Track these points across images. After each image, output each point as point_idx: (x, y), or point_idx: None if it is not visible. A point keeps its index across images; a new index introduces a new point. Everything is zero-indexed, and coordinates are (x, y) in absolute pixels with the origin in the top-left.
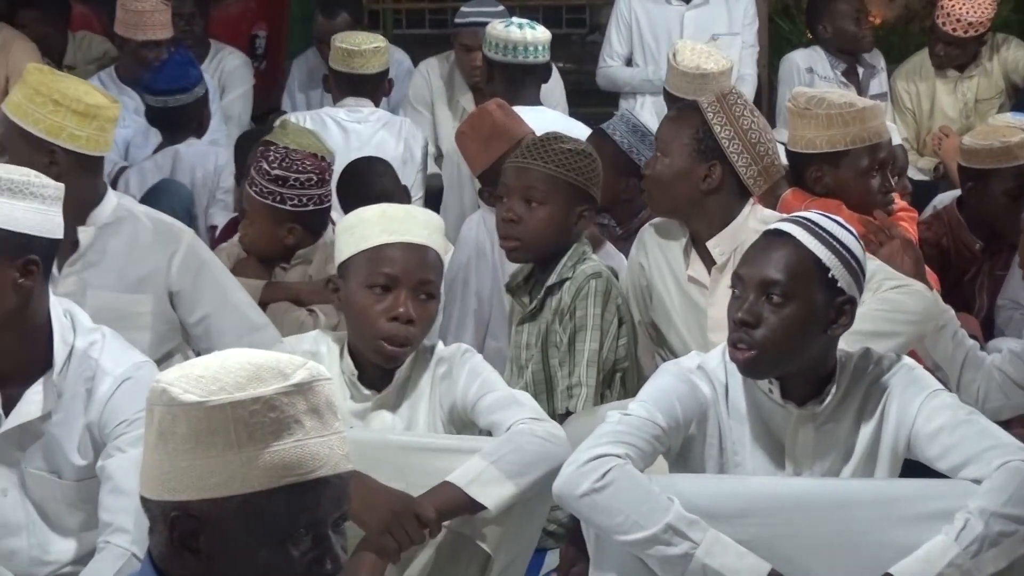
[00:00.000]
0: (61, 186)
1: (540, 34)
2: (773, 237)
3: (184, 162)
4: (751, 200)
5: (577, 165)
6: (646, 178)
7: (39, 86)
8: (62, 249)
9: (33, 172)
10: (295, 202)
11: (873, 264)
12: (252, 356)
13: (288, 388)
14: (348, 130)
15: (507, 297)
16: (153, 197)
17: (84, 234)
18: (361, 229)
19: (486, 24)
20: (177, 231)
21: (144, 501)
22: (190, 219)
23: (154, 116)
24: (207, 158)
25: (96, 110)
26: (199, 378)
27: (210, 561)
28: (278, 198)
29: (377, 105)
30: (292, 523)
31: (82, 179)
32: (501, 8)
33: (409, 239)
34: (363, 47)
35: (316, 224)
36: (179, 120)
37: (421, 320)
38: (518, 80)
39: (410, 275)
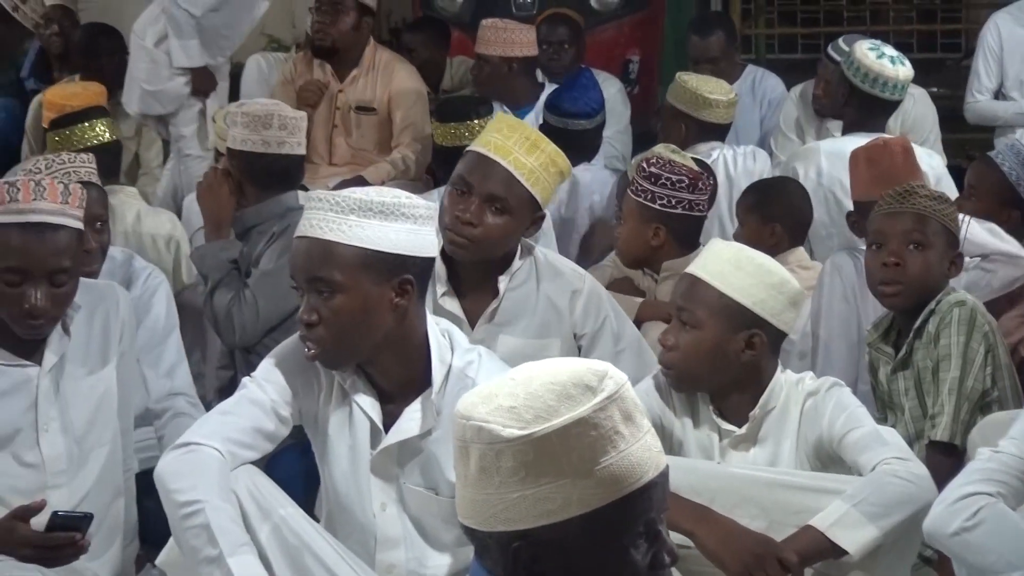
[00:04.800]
0: (433, 206)
1: (908, 72)
2: None
3: (582, 188)
4: None
5: (949, 211)
6: None
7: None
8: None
9: (404, 193)
10: (664, 202)
11: None
12: (550, 373)
13: (603, 402)
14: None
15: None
16: None
17: (501, 283)
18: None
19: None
20: (579, 276)
21: (470, 531)
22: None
23: (549, 135)
24: (605, 185)
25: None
26: (511, 409)
27: None
28: (648, 196)
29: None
30: (631, 530)
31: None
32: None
33: (697, 273)
34: (718, 97)
35: (684, 232)
36: (576, 144)
37: (678, 346)
38: (875, 111)
39: (686, 306)
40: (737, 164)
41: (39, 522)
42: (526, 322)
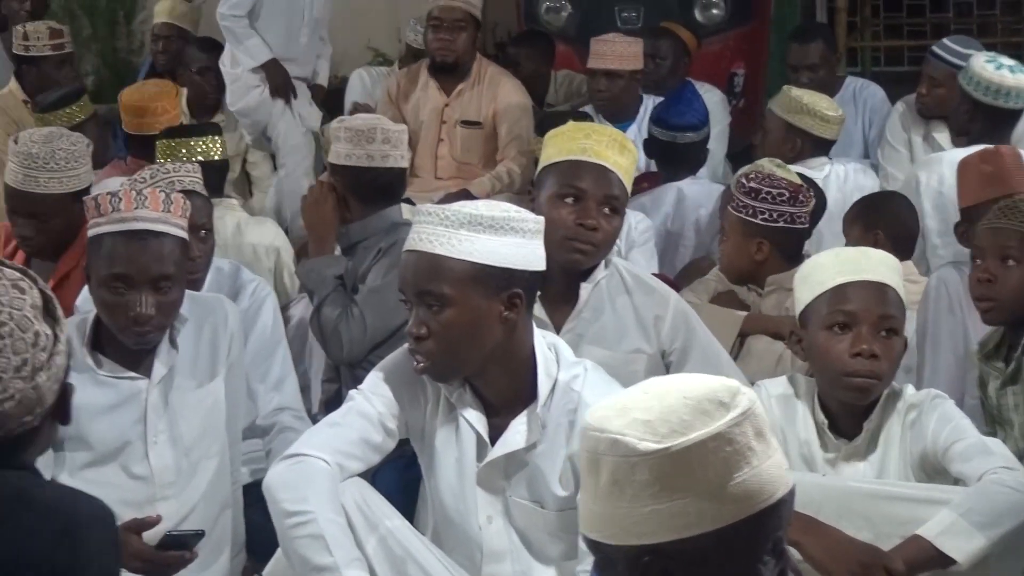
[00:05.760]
0: (541, 219)
1: None
2: None
3: (688, 200)
4: None
5: None
6: None
7: None
8: (563, 303)
9: (513, 207)
10: (765, 216)
11: None
12: (683, 388)
13: (737, 418)
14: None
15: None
16: None
17: (584, 290)
18: (817, 274)
19: (958, 67)
20: (665, 292)
21: (596, 545)
22: None
23: (657, 149)
24: (711, 198)
25: None
26: (646, 422)
27: None
28: (750, 211)
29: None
30: (761, 547)
31: None
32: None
33: (866, 277)
34: (832, 113)
35: (787, 245)
36: (683, 157)
37: (886, 356)
38: (999, 122)
39: (869, 312)
40: (849, 180)
41: (150, 537)
42: (610, 334)
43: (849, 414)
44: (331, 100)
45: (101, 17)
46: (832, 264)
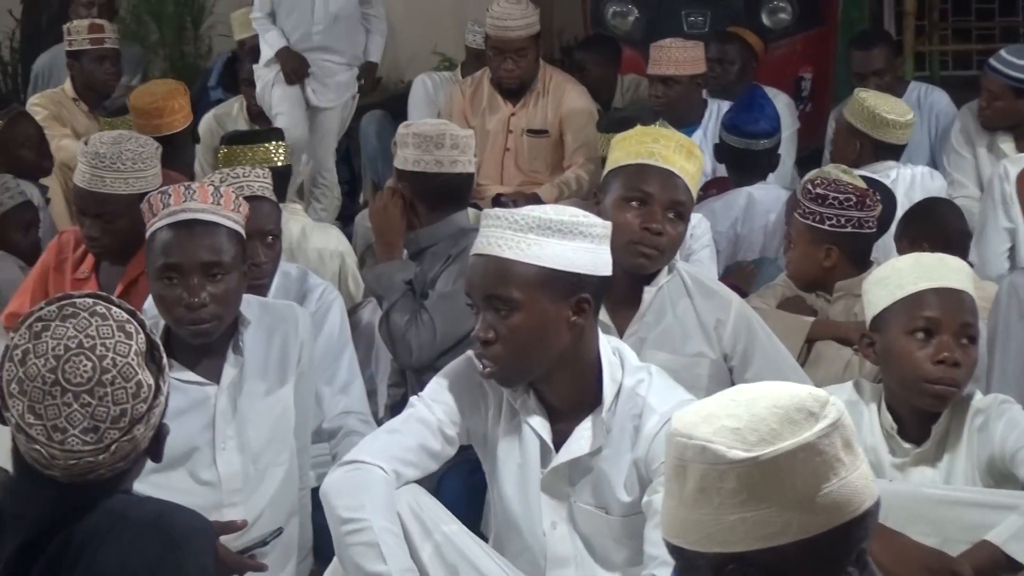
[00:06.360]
0: (608, 224)
1: None
2: None
3: (759, 206)
4: None
5: None
6: None
7: None
8: (626, 306)
9: (581, 212)
10: (833, 222)
11: None
12: (772, 397)
13: (826, 429)
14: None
15: None
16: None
17: (647, 294)
18: (896, 278)
19: (1013, 79)
20: (726, 296)
21: (679, 551)
22: None
23: (729, 155)
24: (779, 202)
25: None
26: (735, 430)
27: None
28: (817, 217)
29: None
30: (846, 558)
31: None
32: None
33: (946, 284)
34: (896, 117)
35: (856, 250)
36: (755, 163)
37: (966, 364)
38: None
39: (952, 319)
40: (916, 184)
41: (228, 540)
42: (673, 338)
43: (918, 419)
44: (395, 104)
45: (169, 22)
46: (912, 269)
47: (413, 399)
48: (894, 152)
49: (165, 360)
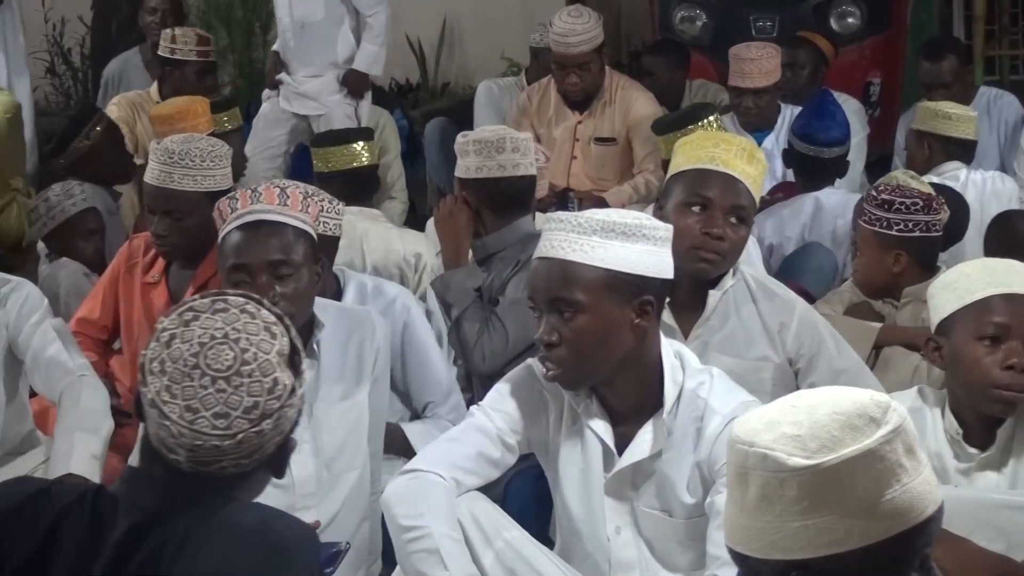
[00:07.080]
0: (670, 227)
1: None
2: None
3: (826, 212)
4: None
5: None
6: None
7: None
8: (690, 310)
9: (644, 215)
10: (900, 227)
11: None
12: (833, 403)
13: (888, 435)
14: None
15: None
16: (801, 261)
17: (712, 298)
18: (964, 283)
19: None
20: (790, 300)
21: (742, 557)
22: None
23: (799, 161)
24: (848, 208)
25: None
26: (795, 437)
27: None
28: (884, 223)
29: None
30: (909, 564)
31: None
32: None
33: (1017, 290)
34: (958, 111)
35: (924, 255)
36: (824, 170)
37: None
38: None
39: (1019, 325)
40: (986, 186)
41: None
42: (737, 341)
43: (983, 424)
44: (461, 111)
45: (238, 28)
46: (981, 274)
47: (473, 408)
48: (963, 149)
49: (304, 367)
